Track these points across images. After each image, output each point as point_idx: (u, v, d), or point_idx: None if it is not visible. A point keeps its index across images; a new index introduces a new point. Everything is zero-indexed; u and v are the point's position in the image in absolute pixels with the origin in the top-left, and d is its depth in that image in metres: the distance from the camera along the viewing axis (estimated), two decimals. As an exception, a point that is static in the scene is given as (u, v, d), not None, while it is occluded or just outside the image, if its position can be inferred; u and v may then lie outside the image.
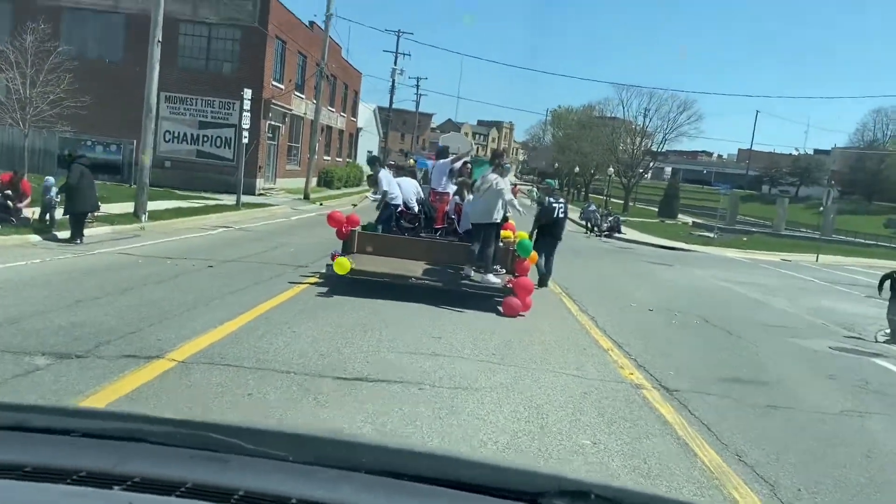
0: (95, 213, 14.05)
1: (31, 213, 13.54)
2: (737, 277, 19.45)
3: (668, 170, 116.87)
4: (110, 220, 15.93)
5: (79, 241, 12.45)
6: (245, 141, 24.90)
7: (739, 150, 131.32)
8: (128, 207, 17.39)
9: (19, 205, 13.41)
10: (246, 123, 24.33)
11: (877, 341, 11.40)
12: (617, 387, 6.42)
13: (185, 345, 6.36)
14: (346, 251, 10.93)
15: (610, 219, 36.92)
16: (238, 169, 25.03)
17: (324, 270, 10.54)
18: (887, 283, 11.91)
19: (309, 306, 8.60)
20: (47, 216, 13.39)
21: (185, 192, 27.12)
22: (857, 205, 73.86)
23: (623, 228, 36.05)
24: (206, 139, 31.83)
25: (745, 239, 37.65)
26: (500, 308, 9.70)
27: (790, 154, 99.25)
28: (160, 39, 17.22)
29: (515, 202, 10.43)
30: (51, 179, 13.73)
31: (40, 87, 22.07)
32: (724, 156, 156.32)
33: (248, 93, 23.99)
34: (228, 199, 24.81)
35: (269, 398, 5.23)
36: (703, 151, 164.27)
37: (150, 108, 17.09)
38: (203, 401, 5.05)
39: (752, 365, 8.33)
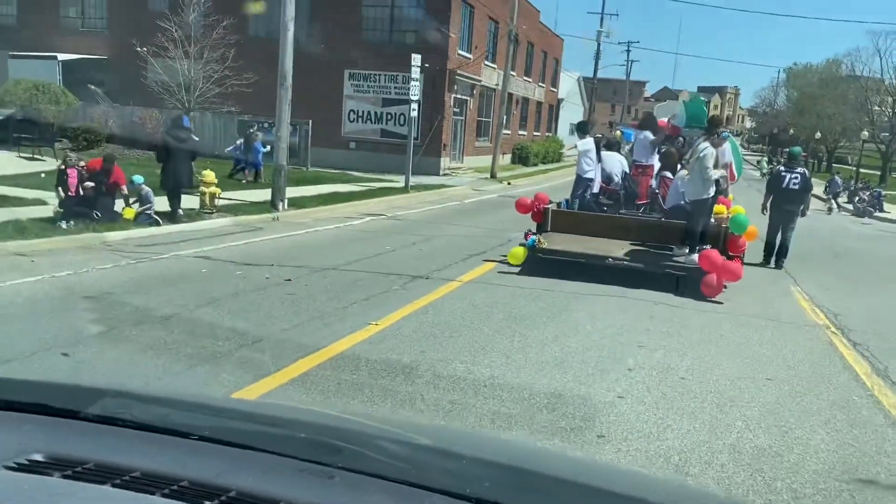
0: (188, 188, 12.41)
1: (123, 207, 11.25)
2: None
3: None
4: (240, 209, 13.59)
5: (180, 213, 11.80)
6: (414, 114, 21.88)
7: None
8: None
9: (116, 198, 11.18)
10: (415, 94, 21.25)
11: None
12: None
13: None
14: (541, 230, 10.35)
15: (867, 193, 29.43)
16: (408, 146, 22.11)
17: (455, 281, 8.31)
18: None
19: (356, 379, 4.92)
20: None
21: (365, 174, 24.84)
22: None
23: (886, 205, 28.56)
24: (389, 117, 29.53)
25: None
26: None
27: None
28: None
29: (713, 175, 9.11)
30: (139, 178, 11.46)
31: (204, 65, 20.69)
32: None
33: (416, 59, 20.85)
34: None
35: None
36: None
37: (285, 76, 14.37)
38: None
39: None
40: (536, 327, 6.53)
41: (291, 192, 16.35)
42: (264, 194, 15.16)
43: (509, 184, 27.73)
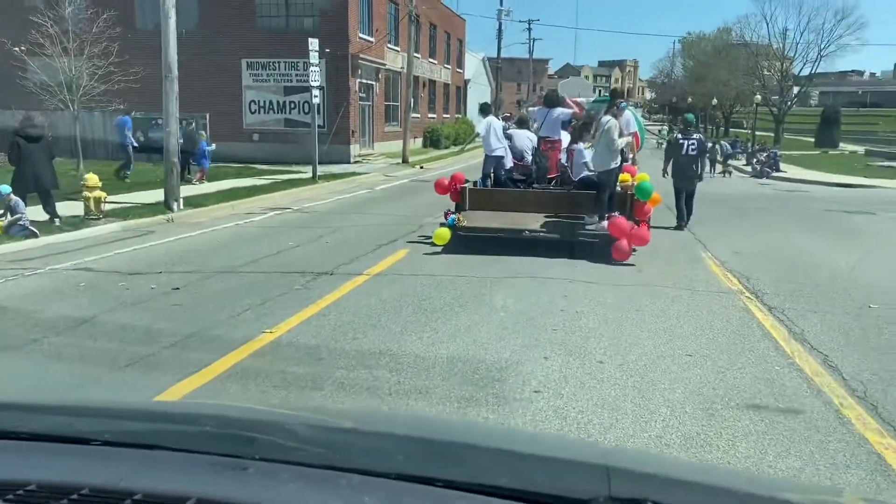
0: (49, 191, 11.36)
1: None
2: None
3: (816, 94, 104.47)
4: (131, 213, 12.63)
5: (57, 222, 11.01)
6: (317, 101, 21.10)
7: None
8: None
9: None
10: (316, 80, 20.46)
11: None
12: None
13: None
14: (459, 209, 10.61)
15: (763, 155, 30.47)
16: (312, 134, 21.30)
17: (363, 275, 7.75)
18: None
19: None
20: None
21: (271, 166, 23.88)
22: None
23: (782, 165, 29.65)
24: (293, 106, 28.54)
25: (946, 166, 30.04)
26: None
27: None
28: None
29: (619, 144, 9.57)
30: (6, 188, 10.44)
31: (86, 61, 19.21)
32: (878, 73, 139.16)
33: (313, 43, 20.02)
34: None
35: None
36: (853, 71, 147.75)
37: (170, 67, 13.41)
38: None
39: None
40: (448, 319, 6.13)
41: (188, 190, 15.44)
42: (158, 195, 14.19)
43: (422, 168, 27.29)
